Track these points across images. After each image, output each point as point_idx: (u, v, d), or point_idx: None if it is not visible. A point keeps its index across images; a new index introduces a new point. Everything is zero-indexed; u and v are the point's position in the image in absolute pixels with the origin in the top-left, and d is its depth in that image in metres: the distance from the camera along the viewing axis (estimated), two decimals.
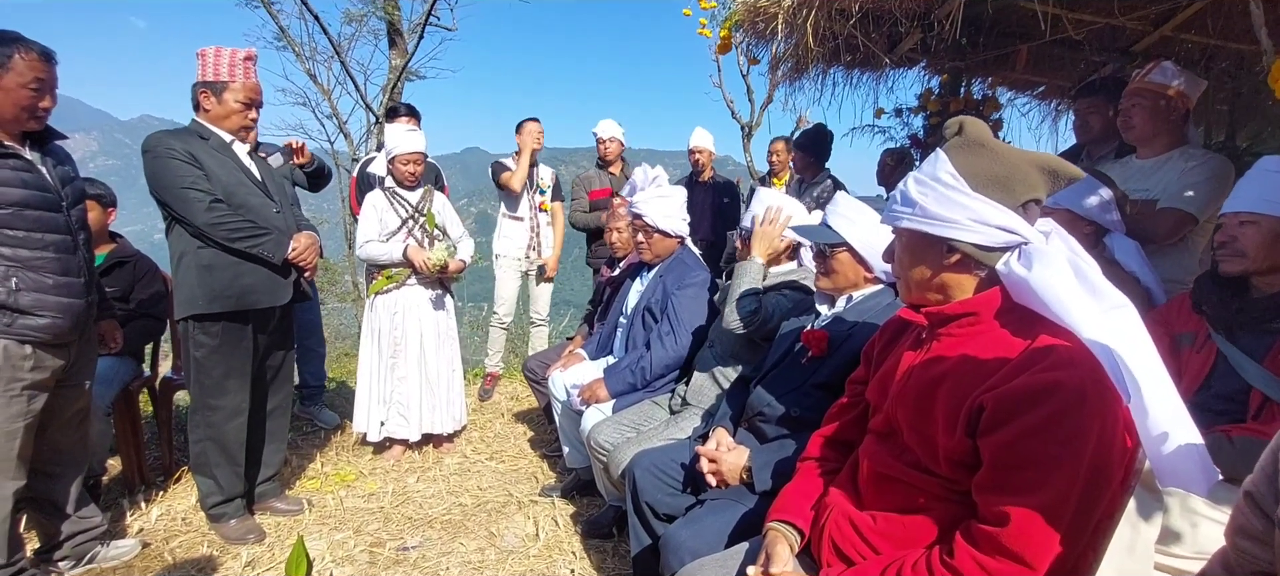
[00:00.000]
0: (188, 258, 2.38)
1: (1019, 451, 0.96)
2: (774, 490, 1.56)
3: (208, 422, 2.48)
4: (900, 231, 1.21)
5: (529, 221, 4.41)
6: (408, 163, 3.21)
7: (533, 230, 4.42)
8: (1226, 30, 3.33)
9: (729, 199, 4.64)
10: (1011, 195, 1.08)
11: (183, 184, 2.30)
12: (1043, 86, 4.26)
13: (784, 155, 4.64)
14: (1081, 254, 1.07)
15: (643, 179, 2.69)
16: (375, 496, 2.96)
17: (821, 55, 2.96)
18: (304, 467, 3.25)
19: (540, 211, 4.46)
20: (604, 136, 4.53)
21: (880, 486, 1.17)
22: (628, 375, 2.52)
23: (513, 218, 4.41)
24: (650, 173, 2.69)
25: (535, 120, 4.41)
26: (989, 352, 1.07)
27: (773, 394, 1.71)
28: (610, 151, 4.52)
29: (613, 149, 4.52)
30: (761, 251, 2.14)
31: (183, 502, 2.81)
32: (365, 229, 3.21)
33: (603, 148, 4.55)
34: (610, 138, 4.52)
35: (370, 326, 3.32)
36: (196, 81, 2.40)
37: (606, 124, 4.57)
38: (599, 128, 4.59)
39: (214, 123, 2.42)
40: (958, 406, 1.05)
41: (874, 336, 1.41)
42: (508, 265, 4.45)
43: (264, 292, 2.48)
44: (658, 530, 1.86)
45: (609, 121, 4.58)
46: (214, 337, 2.42)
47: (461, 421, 3.53)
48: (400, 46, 9.40)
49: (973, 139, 1.13)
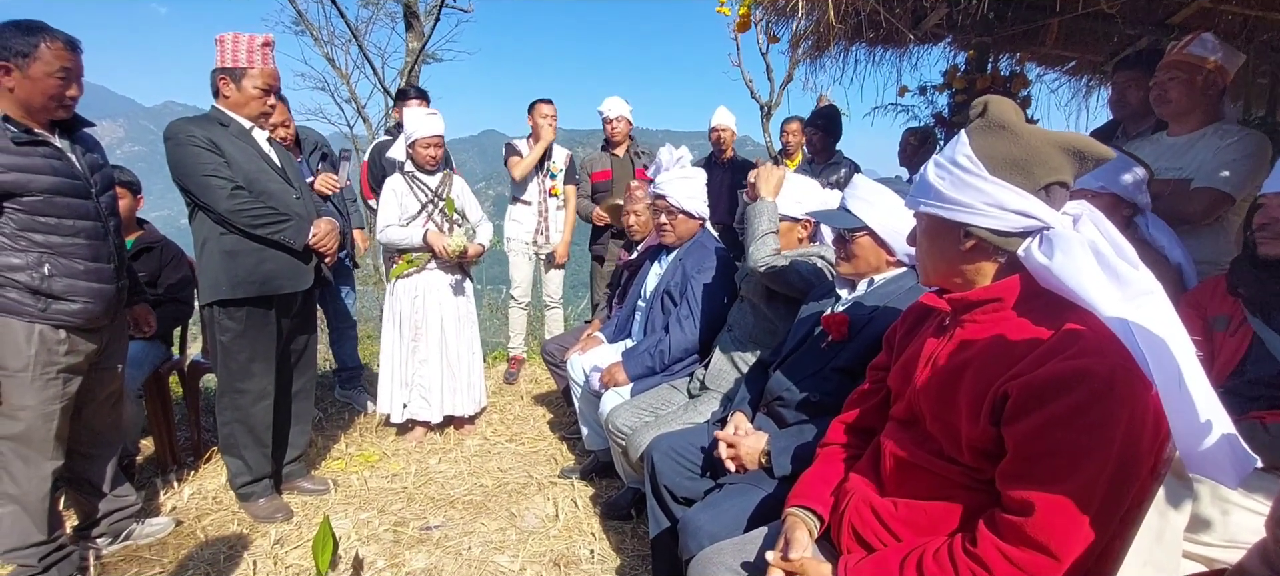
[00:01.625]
0: (211, 244, 2.42)
1: (1045, 440, 0.94)
2: (793, 475, 1.56)
3: (235, 405, 2.54)
4: (920, 216, 1.19)
5: (537, 206, 4.32)
6: (428, 146, 3.21)
7: (541, 215, 4.33)
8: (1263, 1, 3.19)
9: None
10: (1030, 178, 1.05)
11: (204, 171, 2.33)
12: (1073, 61, 4.13)
13: (799, 135, 4.56)
14: (1112, 237, 1.04)
15: (668, 159, 2.67)
16: (398, 477, 3.01)
17: (844, 32, 2.88)
18: (329, 448, 3.31)
19: (550, 196, 4.34)
20: (610, 115, 4.30)
21: (903, 473, 1.16)
22: (646, 358, 2.53)
23: (521, 202, 4.31)
24: (675, 153, 2.67)
25: (548, 101, 4.27)
26: (1012, 339, 1.05)
27: (792, 379, 1.70)
28: (617, 131, 4.30)
29: (620, 128, 4.30)
30: (769, 192, 2.13)
31: (213, 482, 2.89)
32: (385, 213, 3.23)
33: (609, 127, 4.33)
34: (617, 116, 4.29)
35: (391, 310, 3.35)
36: (215, 68, 2.42)
37: (613, 102, 4.32)
38: (605, 106, 4.35)
39: (233, 109, 2.45)
40: (982, 394, 1.04)
41: (896, 322, 1.40)
42: (518, 249, 4.38)
43: (287, 278, 2.51)
44: (676, 513, 1.86)
45: (615, 99, 4.33)
46: (239, 322, 2.46)
47: (482, 403, 3.57)
48: (417, 29, 9.41)
49: (994, 120, 1.09)
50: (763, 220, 2.07)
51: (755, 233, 2.07)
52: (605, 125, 4.38)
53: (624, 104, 4.35)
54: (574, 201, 4.43)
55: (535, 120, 4.26)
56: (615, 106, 4.32)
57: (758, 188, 2.16)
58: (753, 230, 2.08)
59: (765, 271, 2.04)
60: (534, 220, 4.34)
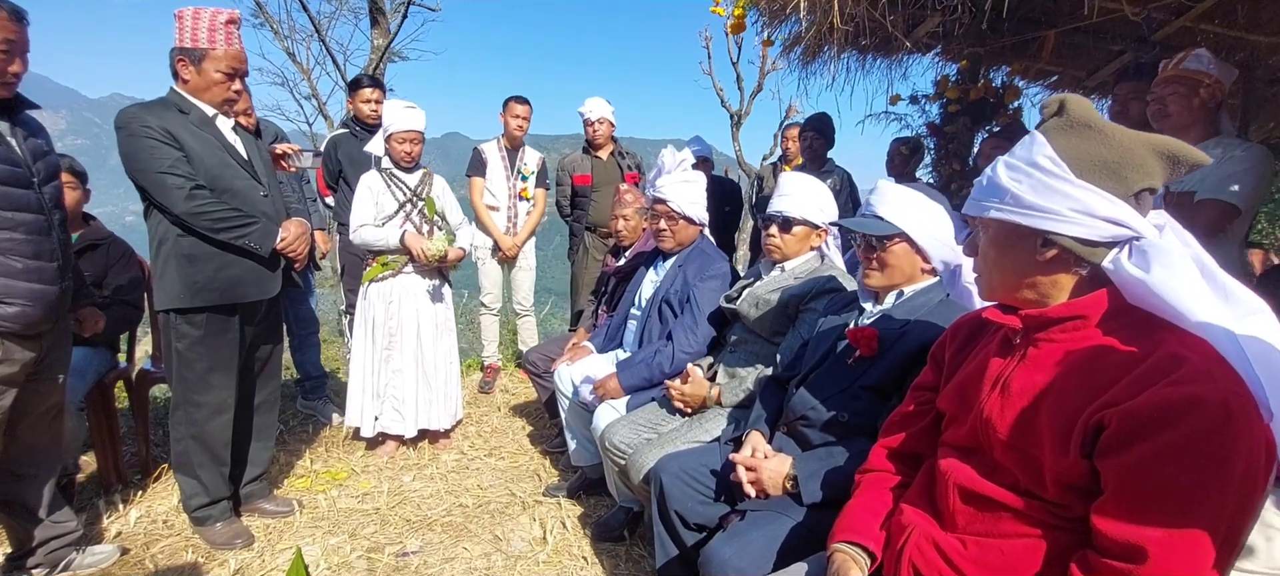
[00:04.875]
0: (167, 246, 2.19)
1: (1155, 476, 0.84)
2: (824, 502, 1.45)
3: (190, 420, 2.30)
4: (986, 222, 1.08)
5: (506, 210, 4.16)
6: (404, 141, 3.02)
7: (511, 219, 4.18)
8: (1248, 21, 3.26)
9: (731, 208, 4.43)
10: (1123, 184, 0.96)
11: (160, 168, 2.10)
12: (1057, 76, 4.18)
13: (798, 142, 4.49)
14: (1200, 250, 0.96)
15: (670, 161, 2.54)
16: (370, 496, 2.80)
17: (846, 35, 2.81)
18: (292, 465, 3.07)
19: (520, 199, 4.19)
20: (592, 117, 4.15)
21: (971, 507, 1.05)
22: (643, 370, 2.39)
23: (489, 206, 4.15)
24: (677, 155, 2.54)
25: (523, 101, 4.11)
26: (1101, 361, 0.95)
27: (817, 397, 1.59)
28: (599, 133, 4.14)
29: (602, 131, 4.14)
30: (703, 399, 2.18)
31: (163, 503, 2.63)
32: (360, 211, 3.02)
33: (591, 129, 4.17)
34: (599, 119, 4.14)
35: (363, 316, 3.14)
36: (174, 47, 2.19)
37: (595, 103, 4.16)
38: (586, 107, 4.18)
39: (194, 94, 2.22)
40: (1069, 422, 0.93)
41: (942, 338, 1.29)
42: (486, 253, 4.22)
43: (251, 285, 2.30)
44: (686, 539, 1.73)
45: (598, 100, 4.17)
46: (197, 329, 2.23)
47: (459, 415, 3.38)
48: (382, 26, 9.14)
49: (1078, 119, 1.00)
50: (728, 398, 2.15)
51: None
52: (587, 127, 4.23)
53: (606, 105, 4.20)
54: (542, 204, 4.28)
55: (506, 119, 4.11)
56: (598, 108, 4.16)
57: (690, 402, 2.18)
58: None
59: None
60: (503, 224, 4.18)
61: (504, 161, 4.17)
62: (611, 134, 4.24)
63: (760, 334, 2.17)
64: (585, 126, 4.23)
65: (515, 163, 4.17)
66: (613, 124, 4.22)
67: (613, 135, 4.26)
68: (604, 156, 4.22)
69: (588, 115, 4.18)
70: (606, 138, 4.21)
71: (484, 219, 4.12)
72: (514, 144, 4.17)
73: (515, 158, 4.18)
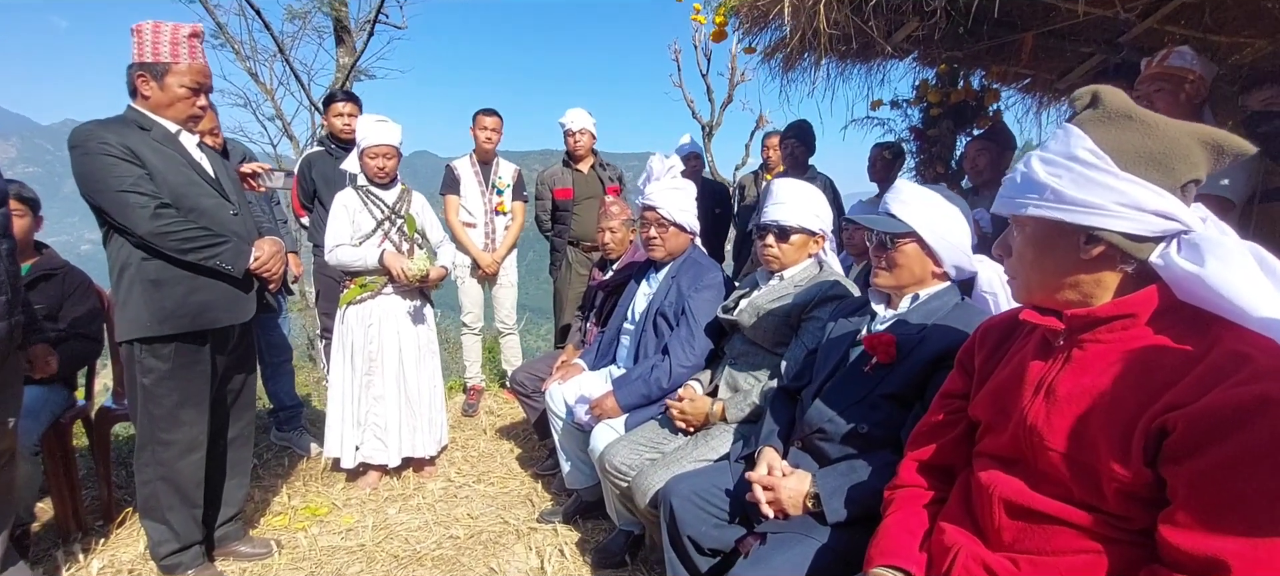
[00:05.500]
0: (131, 271, 2.04)
1: (1230, 482, 0.78)
2: (850, 521, 1.38)
3: (158, 460, 2.14)
4: (1022, 220, 1.03)
5: (483, 226, 4.06)
6: (376, 156, 2.91)
7: (488, 234, 4.07)
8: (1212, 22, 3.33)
9: (721, 210, 4.40)
10: (1170, 176, 0.92)
11: (121, 187, 1.96)
12: (1029, 78, 4.23)
13: (779, 150, 4.48)
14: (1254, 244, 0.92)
15: (660, 167, 2.47)
16: (353, 531, 2.65)
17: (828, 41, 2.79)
18: (268, 502, 2.90)
19: (497, 214, 4.09)
20: (573, 127, 4.06)
21: (1021, 523, 0.99)
22: (640, 387, 2.30)
23: (466, 223, 4.04)
24: (666, 161, 2.48)
25: (492, 113, 4.03)
26: (1155, 361, 0.90)
27: (834, 408, 1.52)
28: (581, 145, 4.06)
29: (583, 142, 4.06)
30: (705, 417, 2.11)
31: (128, 550, 2.45)
32: (335, 231, 2.89)
33: (572, 141, 4.09)
34: (581, 129, 4.06)
35: (341, 341, 3.00)
36: (132, 62, 2.06)
37: (576, 114, 4.09)
38: (567, 118, 4.11)
39: (155, 111, 2.09)
40: (1128, 428, 0.88)
41: (969, 342, 1.24)
42: (465, 271, 4.10)
43: (223, 309, 2.16)
44: (700, 566, 1.65)
45: (578, 111, 4.11)
46: (165, 362, 2.09)
47: (444, 442, 3.24)
48: (348, 44, 9.00)
49: (1116, 110, 0.96)
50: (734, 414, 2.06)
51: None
52: (567, 138, 4.14)
53: (588, 116, 4.12)
54: (521, 217, 4.19)
55: (475, 132, 4.03)
56: (578, 118, 4.09)
57: (692, 420, 2.12)
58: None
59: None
60: (480, 240, 4.07)
61: (477, 177, 4.07)
62: (593, 145, 4.17)
63: (762, 345, 2.11)
64: (566, 137, 4.14)
65: (489, 177, 4.08)
66: (594, 135, 4.15)
67: (593, 147, 4.19)
68: (585, 169, 4.14)
69: (569, 126, 4.10)
70: (588, 149, 4.13)
71: (461, 237, 4.01)
72: (485, 157, 4.07)
73: (489, 171, 4.09)
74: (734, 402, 2.04)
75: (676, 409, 2.12)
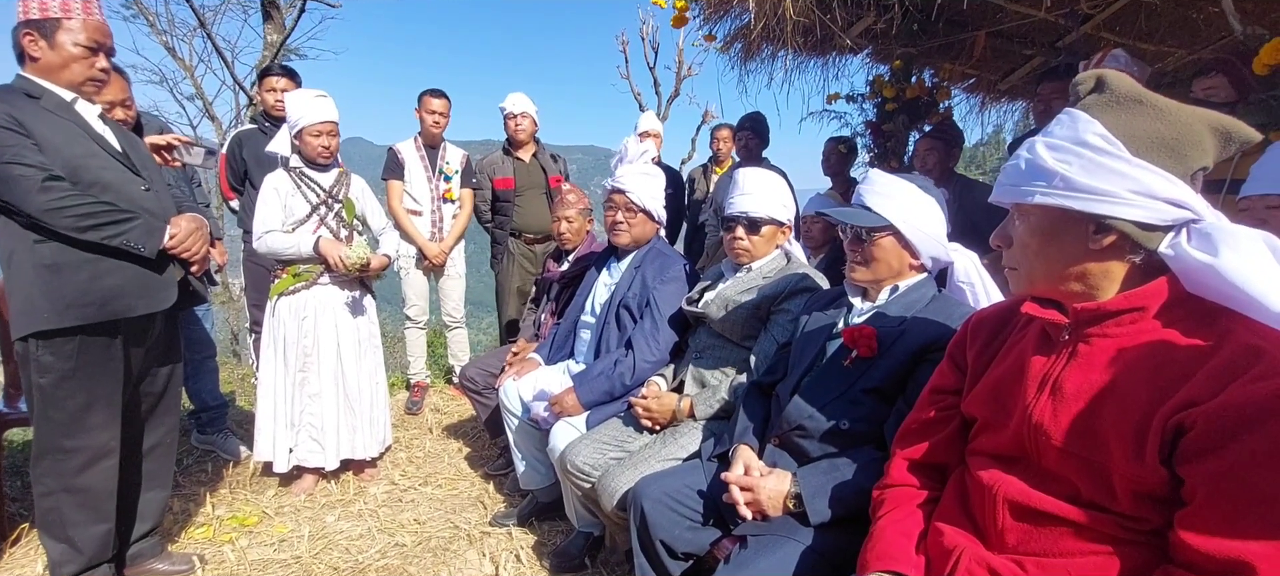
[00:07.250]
0: (21, 256, 1.79)
1: (1253, 481, 0.75)
2: (833, 521, 1.32)
3: (59, 470, 1.89)
4: (1027, 209, 0.99)
5: (430, 214, 3.86)
6: (319, 134, 2.69)
7: (435, 223, 3.87)
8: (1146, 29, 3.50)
9: (673, 189, 4.34)
10: (1182, 162, 0.89)
11: (3, 159, 1.71)
12: (974, 78, 4.35)
13: (729, 142, 4.43)
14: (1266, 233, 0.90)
15: (634, 150, 2.36)
16: (287, 542, 2.44)
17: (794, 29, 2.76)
18: (190, 512, 2.65)
19: (444, 200, 3.90)
20: (514, 111, 3.86)
21: (1027, 524, 0.95)
22: (603, 382, 2.20)
23: (411, 210, 3.83)
24: (640, 145, 2.37)
25: (439, 95, 3.83)
26: (1167, 356, 0.87)
27: (813, 404, 1.47)
28: (521, 130, 3.87)
29: (524, 127, 3.88)
30: (674, 413, 2.03)
31: (25, 571, 2.18)
32: (265, 216, 2.65)
33: (512, 125, 3.89)
34: (521, 113, 3.86)
35: (273, 336, 2.76)
36: (18, 22, 1.81)
37: (516, 98, 3.89)
38: (508, 102, 3.91)
39: (46, 75, 1.85)
40: (1141, 425, 0.85)
41: (959, 336, 1.20)
42: (410, 262, 3.90)
43: (136, 296, 1.92)
44: (673, 570, 1.57)
45: (519, 95, 3.91)
46: (67, 359, 1.84)
47: (386, 442, 3.05)
48: (277, 20, 8.47)
49: (1125, 94, 0.93)
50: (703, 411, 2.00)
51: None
52: (507, 121, 3.93)
53: (529, 101, 3.93)
54: (470, 205, 4.00)
55: (421, 115, 3.83)
56: (519, 102, 3.89)
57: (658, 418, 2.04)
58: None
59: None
60: (427, 229, 3.86)
61: (423, 161, 3.86)
62: (534, 133, 4.00)
63: (729, 338, 2.04)
64: (506, 121, 3.94)
65: (436, 162, 3.87)
66: (536, 121, 3.98)
67: (536, 135, 4.03)
68: (526, 157, 3.96)
69: (509, 109, 3.91)
70: (529, 135, 3.95)
71: (405, 225, 3.79)
72: (432, 142, 3.87)
73: (435, 156, 3.87)
74: (702, 398, 1.97)
75: (642, 406, 2.03)
